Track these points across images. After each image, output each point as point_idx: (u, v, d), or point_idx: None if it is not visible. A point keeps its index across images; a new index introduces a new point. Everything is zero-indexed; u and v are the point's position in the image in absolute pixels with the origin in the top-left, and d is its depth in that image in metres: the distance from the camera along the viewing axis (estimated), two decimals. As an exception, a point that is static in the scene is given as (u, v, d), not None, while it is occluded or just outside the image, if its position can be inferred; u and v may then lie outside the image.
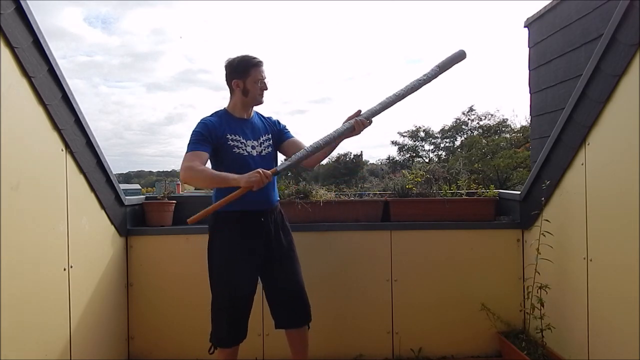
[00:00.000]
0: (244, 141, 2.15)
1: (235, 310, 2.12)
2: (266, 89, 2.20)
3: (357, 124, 2.08)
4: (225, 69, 2.19)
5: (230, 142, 2.12)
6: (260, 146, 2.20)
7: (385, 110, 2.16)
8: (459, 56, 2.18)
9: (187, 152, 2.09)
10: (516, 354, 2.50)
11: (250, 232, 2.13)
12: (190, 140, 2.11)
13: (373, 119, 2.14)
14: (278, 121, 2.36)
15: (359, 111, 2.13)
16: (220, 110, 2.23)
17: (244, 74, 2.14)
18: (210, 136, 2.10)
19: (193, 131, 2.12)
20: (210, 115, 2.19)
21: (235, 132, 2.15)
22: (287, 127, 2.37)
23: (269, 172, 2.00)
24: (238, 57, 2.18)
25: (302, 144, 2.28)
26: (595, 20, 3.76)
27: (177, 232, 2.81)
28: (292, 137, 2.34)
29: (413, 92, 2.15)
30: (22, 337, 1.78)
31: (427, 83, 2.17)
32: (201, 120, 2.17)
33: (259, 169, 1.98)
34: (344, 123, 2.13)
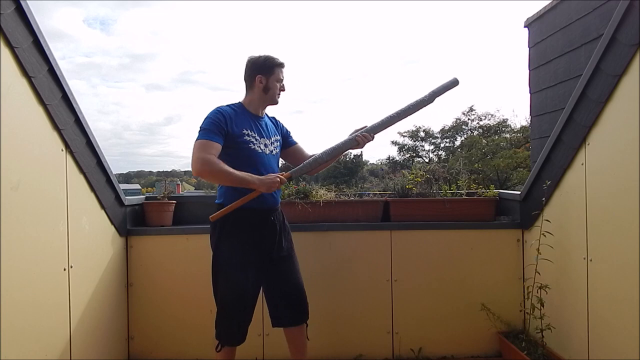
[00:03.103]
0: (258, 138, 2.17)
1: (246, 308, 2.13)
2: (284, 90, 2.24)
3: (360, 137, 2.21)
4: (249, 64, 2.19)
5: (247, 137, 2.12)
6: (272, 145, 2.23)
7: (387, 128, 2.30)
8: (453, 83, 2.33)
9: (199, 139, 2.02)
10: (516, 354, 2.50)
11: (260, 230, 2.15)
12: (203, 127, 2.06)
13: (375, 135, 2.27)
14: (284, 125, 2.41)
15: (365, 126, 2.27)
16: (236, 103, 2.22)
17: (269, 71, 2.17)
18: (226, 126, 2.06)
19: (208, 118, 2.08)
20: (227, 106, 2.17)
21: (250, 127, 2.16)
22: (291, 133, 2.43)
23: (284, 177, 2.08)
24: (264, 55, 2.20)
25: (305, 151, 2.39)
26: (595, 20, 3.76)
27: (177, 232, 2.81)
28: (296, 143, 2.42)
29: (412, 112, 2.30)
30: (22, 337, 1.78)
31: (424, 105, 2.31)
32: (217, 108, 2.13)
33: (278, 174, 2.08)
34: (349, 135, 2.27)
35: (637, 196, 1.82)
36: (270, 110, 2.34)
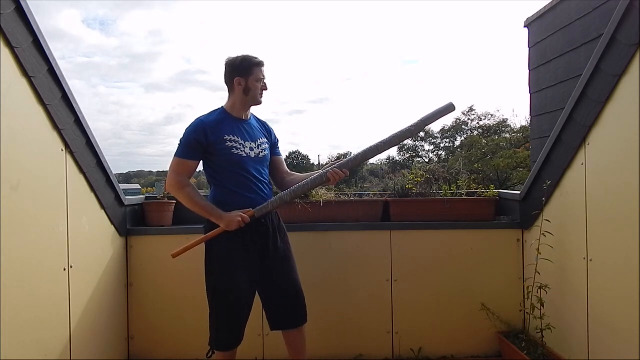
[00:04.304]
0: (242, 142, 2.14)
1: (238, 313, 2.11)
2: (266, 89, 2.19)
3: (332, 174, 2.14)
4: (227, 67, 2.16)
5: (229, 142, 2.10)
6: (258, 148, 2.19)
7: (366, 161, 2.24)
8: (447, 109, 2.17)
9: (176, 156, 2.10)
10: (516, 354, 2.51)
11: (250, 233, 2.12)
12: (182, 142, 2.11)
13: (362, 164, 2.21)
14: (274, 132, 2.38)
15: (340, 159, 2.24)
16: (219, 108, 2.20)
17: (247, 72, 2.13)
18: (205, 139, 2.07)
19: (187, 132, 2.10)
20: (209, 114, 2.16)
21: (233, 132, 2.13)
22: (278, 143, 2.41)
23: (247, 216, 2.06)
24: (240, 55, 2.16)
25: (285, 167, 2.40)
26: (595, 20, 3.76)
27: (177, 232, 2.81)
28: (280, 155, 2.41)
29: (397, 143, 2.21)
30: (22, 337, 1.78)
31: (411, 135, 2.23)
32: (198, 120, 2.13)
33: (240, 213, 2.05)
34: (322, 169, 2.23)
35: (637, 196, 1.82)
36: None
